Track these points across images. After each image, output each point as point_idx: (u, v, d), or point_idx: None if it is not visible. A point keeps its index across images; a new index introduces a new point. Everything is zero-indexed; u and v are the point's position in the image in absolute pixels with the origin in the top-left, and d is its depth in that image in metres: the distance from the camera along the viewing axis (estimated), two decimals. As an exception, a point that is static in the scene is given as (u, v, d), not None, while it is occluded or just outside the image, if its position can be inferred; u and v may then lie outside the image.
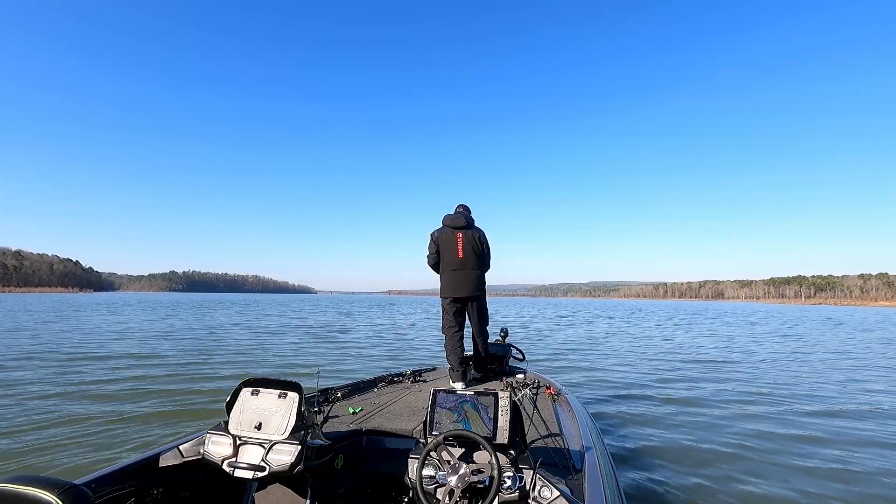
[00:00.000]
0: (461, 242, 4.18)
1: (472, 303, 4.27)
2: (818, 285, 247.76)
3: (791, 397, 7.30)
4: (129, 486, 2.01)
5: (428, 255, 4.35)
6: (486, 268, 4.39)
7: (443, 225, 4.30)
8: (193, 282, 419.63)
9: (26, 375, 7.81)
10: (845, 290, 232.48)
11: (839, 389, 8.06)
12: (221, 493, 2.38)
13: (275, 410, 2.21)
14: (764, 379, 8.95)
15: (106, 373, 8.29)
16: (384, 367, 9.46)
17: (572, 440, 2.75)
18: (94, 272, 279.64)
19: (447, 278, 4.25)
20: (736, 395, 7.34)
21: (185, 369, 8.85)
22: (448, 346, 4.25)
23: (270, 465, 2.07)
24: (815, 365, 11.11)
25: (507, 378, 4.36)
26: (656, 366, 10.48)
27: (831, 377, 9.37)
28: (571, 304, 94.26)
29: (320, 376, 3.39)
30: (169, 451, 2.22)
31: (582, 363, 10.69)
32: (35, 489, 1.27)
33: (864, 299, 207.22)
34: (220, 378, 8.07)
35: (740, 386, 8.17)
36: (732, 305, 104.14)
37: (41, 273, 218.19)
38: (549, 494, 1.88)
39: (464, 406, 2.22)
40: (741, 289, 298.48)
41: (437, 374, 4.75)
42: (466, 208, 4.44)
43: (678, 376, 9.12)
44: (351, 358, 11.04)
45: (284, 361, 10.37)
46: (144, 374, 8.20)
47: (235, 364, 9.73)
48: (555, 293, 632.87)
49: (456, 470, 1.96)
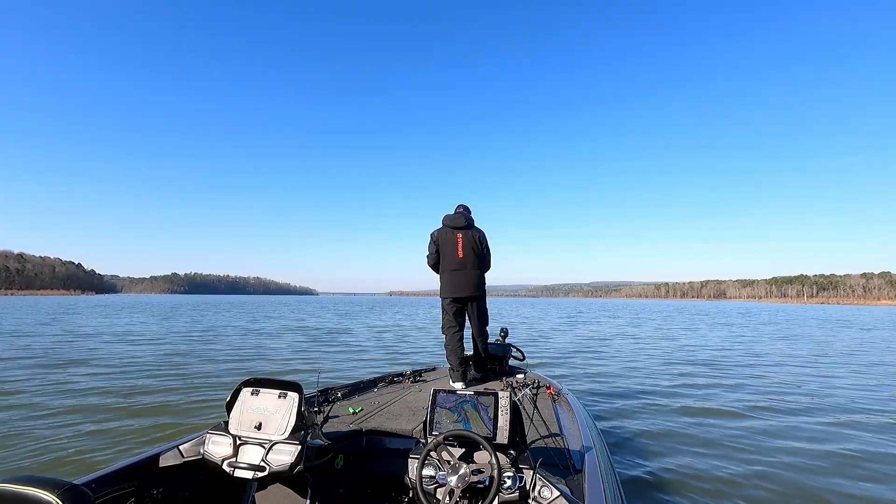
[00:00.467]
0: (461, 243, 4.18)
1: (472, 303, 4.27)
2: (820, 284, 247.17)
3: (797, 398, 7.28)
4: (129, 486, 2.01)
5: (428, 256, 4.35)
6: (487, 268, 4.39)
7: (443, 225, 4.30)
8: (195, 284, 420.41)
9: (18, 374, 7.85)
10: (848, 289, 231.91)
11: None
12: (221, 493, 2.37)
13: (275, 410, 2.21)
14: (768, 380, 8.91)
15: (104, 373, 8.32)
16: (384, 368, 9.46)
17: (572, 440, 2.74)
18: (95, 275, 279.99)
19: (447, 278, 4.25)
20: (740, 397, 7.31)
21: (184, 369, 8.86)
22: (448, 346, 4.25)
23: (270, 465, 2.07)
24: (827, 367, 11.07)
25: (507, 378, 4.36)
26: (659, 366, 10.45)
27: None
28: (574, 304, 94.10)
29: (320, 376, 3.39)
30: (169, 451, 2.22)
31: (589, 366, 10.67)
32: (35, 489, 1.27)
33: (867, 298, 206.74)
34: (220, 378, 8.07)
35: (745, 387, 8.15)
36: (735, 305, 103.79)
37: (43, 276, 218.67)
38: (549, 494, 1.87)
39: (464, 406, 2.22)
40: (743, 288, 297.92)
41: (437, 374, 4.75)
42: (466, 208, 4.44)
43: (681, 376, 9.08)
44: (351, 358, 11.05)
45: (284, 362, 10.38)
46: (145, 374, 8.22)
47: (235, 364, 9.74)
48: (556, 293, 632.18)
49: (456, 470, 1.96)
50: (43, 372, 8.41)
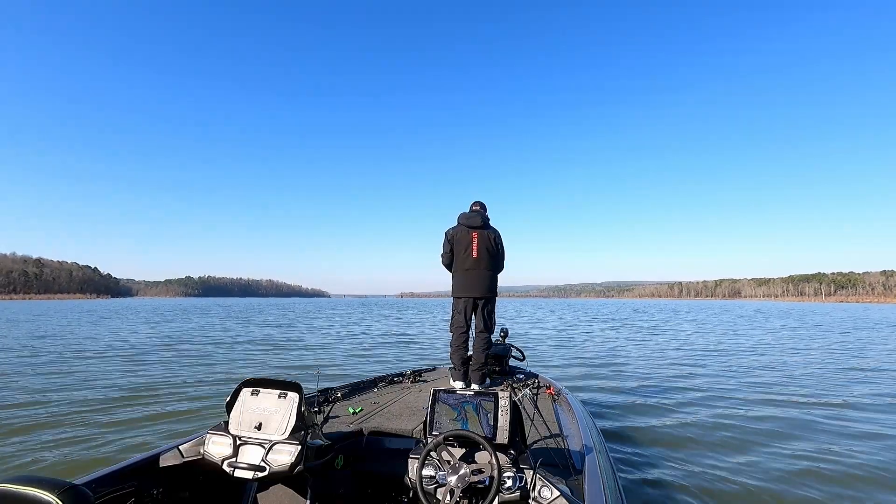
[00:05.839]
0: (476, 242, 4.17)
1: (483, 304, 4.27)
2: (838, 282, 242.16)
3: (801, 394, 7.14)
4: (129, 486, 2.03)
5: (442, 254, 4.34)
6: (500, 269, 4.38)
7: (458, 223, 4.29)
8: (209, 287, 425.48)
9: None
10: (867, 287, 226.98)
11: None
12: (221, 494, 2.39)
13: (275, 410, 2.22)
14: (778, 380, 8.75)
15: (109, 372, 8.47)
16: (384, 368, 9.47)
17: (572, 440, 2.73)
18: (111, 278, 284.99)
19: (460, 278, 4.25)
20: (745, 397, 7.20)
21: (183, 370, 8.98)
22: (453, 343, 4.26)
23: (270, 465, 2.08)
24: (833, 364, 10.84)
25: (507, 378, 4.35)
26: (662, 366, 10.34)
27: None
28: (588, 304, 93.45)
29: (320, 376, 3.41)
30: (169, 451, 2.23)
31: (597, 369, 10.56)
32: (35, 489, 1.28)
33: (888, 296, 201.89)
34: (220, 378, 8.18)
35: (750, 386, 8.02)
36: (755, 304, 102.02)
37: (61, 280, 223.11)
38: (549, 494, 1.86)
39: (464, 406, 2.22)
40: (758, 287, 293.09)
41: (438, 374, 4.76)
42: (482, 206, 4.40)
43: (684, 376, 8.98)
44: (351, 359, 11.10)
45: (284, 362, 10.46)
46: (144, 374, 8.34)
47: (234, 364, 9.84)
48: (568, 294, 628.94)
49: (456, 470, 1.96)
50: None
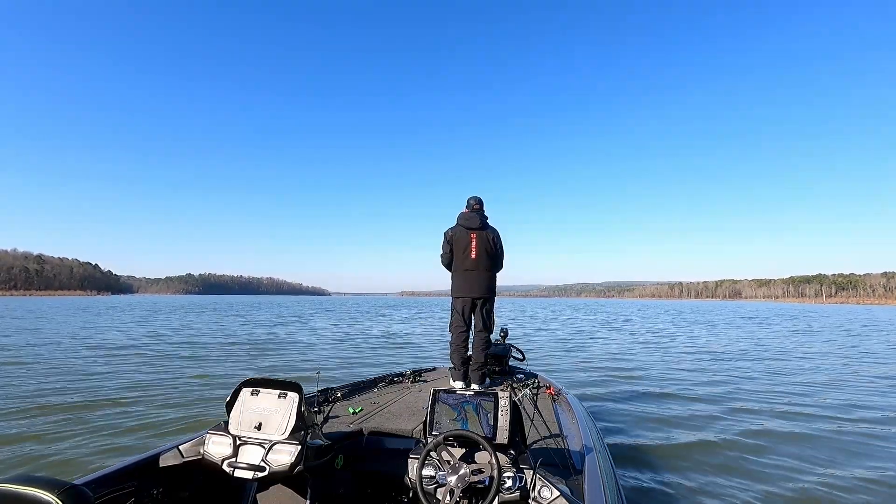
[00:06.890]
0: (475, 243, 4.19)
1: (482, 305, 4.29)
2: (839, 284, 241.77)
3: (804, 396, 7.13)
4: (129, 486, 2.03)
5: (441, 255, 4.37)
6: (499, 269, 4.40)
7: (457, 223, 4.30)
8: (209, 284, 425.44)
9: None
10: (868, 288, 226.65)
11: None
12: (221, 494, 2.39)
13: (275, 410, 2.22)
14: (774, 381, 8.75)
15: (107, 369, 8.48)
16: (384, 368, 9.47)
17: (572, 440, 2.73)
18: (112, 275, 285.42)
19: (459, 278, 4.28)
20: (746, 397, 7.20)
21: (183, 370, 8.98)
22: (453, 344, 4.27)
23: (270, 465, 2.08)
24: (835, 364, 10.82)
25: (507, 378, 4.36)
26: (663, 366, 10.34)
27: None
28: (588, 304, 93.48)
29: (320, 376, 3.42)
30: (169, 451, 2.23)
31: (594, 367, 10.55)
32: (35, 489, 1.28)
33: (889, 298, 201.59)
34: (220, 378, 8.19)
35: (751, 388, 8.01)
36: (754, 305, 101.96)
37: (62, 276, 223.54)
38: (549, 494, 1.87)
39: (464, 406, 2.23)
40: (759, 288, 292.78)
41: (437, 374, 4.76)
42: (479, 201, 4.38)
43: (686, 376, 8.98)
44: (351, 359, 11.10)
45: (284, 362, 10.46)
46: (144, 374, 8.35)
47: (233, 364, 9.85)
48: (568, 293, 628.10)
49: (456, 470, 1.96)
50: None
